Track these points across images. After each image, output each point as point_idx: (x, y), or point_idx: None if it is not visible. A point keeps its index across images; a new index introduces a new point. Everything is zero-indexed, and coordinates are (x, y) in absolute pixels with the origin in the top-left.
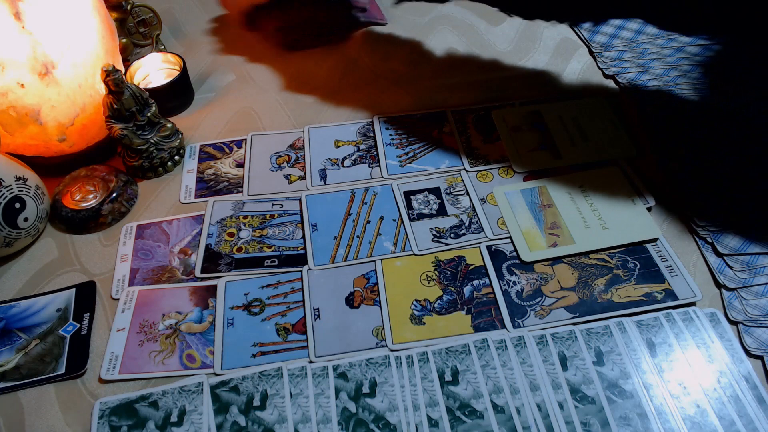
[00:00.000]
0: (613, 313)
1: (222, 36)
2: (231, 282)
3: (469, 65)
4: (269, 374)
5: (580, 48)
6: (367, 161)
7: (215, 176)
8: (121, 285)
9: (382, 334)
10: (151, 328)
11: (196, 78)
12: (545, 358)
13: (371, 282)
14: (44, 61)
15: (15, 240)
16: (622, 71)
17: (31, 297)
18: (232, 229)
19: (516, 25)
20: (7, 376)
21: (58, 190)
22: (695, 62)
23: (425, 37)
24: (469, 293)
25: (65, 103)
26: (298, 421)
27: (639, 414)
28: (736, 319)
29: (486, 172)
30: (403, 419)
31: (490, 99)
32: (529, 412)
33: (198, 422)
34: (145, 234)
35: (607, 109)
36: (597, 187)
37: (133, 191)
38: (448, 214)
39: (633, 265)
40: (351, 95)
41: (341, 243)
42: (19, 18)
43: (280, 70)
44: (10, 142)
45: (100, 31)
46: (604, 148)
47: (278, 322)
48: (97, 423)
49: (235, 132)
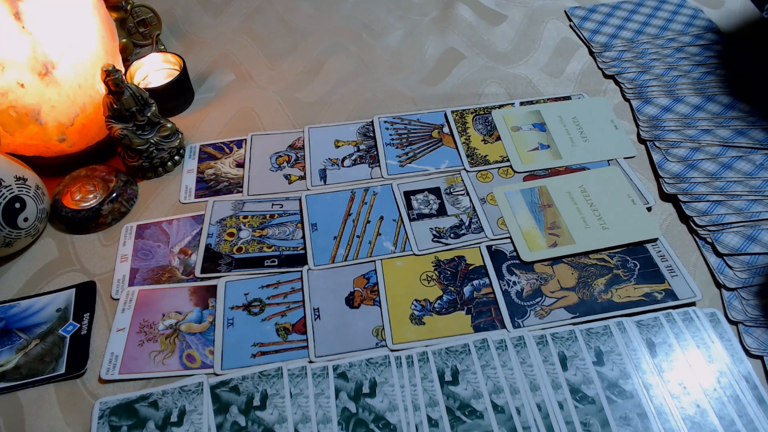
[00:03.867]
0: (613, 313)
1: (222, 36)
2: (231, 282)
3: (468, 65)
4: (269, 374)
5: (580, 48)
6: (367, 161)
7: (215, 176)
8: (121, 285)
9: (382, 334)
10: (151, 328)
11: (196, 78)
12: (545, 358)
13: (371, 282)
14: (44, 61)
15: (15, 240)
16: (622, 71)
17: (31, 297)
18: (232, 229)
19: (516, 25)
20: (7, 376)
21: (58, 190)
22: (695, 62)
23: (425, 37)
24: (469, 293)
25: (65, 103)
26: (298, 421)
27: (639, 414)
28: (736, 319)
29: (486, 172)
30: (403, 419)
31: (490, 99)
32: (529, 412)
33: (198, 422)
34: (145, 234)
35: (607, 109)
36: (597, 187)
37: (133, 191)
38: (448, 214)
39: (633, 265)
40: (351, 95)
41: (341, 243)
42: (19, 18)
43: (280, 70)
44: (10, 142)
45: (100, 31)
46: (604, 148)
47: (278, 322)
48: (97, 423)
49: (235, 132)
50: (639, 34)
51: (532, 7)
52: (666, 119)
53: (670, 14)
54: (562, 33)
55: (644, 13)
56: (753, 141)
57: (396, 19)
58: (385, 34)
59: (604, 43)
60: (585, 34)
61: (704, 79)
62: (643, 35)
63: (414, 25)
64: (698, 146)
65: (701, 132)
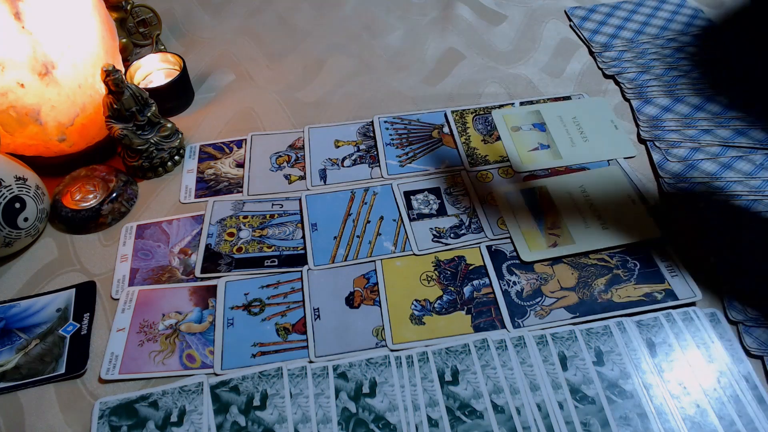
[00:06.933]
0: (613, 313)
1: (222, 36)
2: (231, 282)
3: (468, 65)
4: (269, 374)
5: (580, 48)
6: (367, 161)
7: (215, 176)
8: (121, 285)
9: (382, 334)
10: (151, 328)
11: (196, 78)
12: (545, 358)
13: (371, 282)
14: (44, 61)
15: (15, 240)
16: (622, 71)
17: (31, 297)
18: (232, 229)
19: (516, 25)
20: (7, 376)
21: (58, 190)
22: (695, 62)
23: (425, 37)
24: (469, 293)
25: (65, 103)
26: (298, 421)
27: (639, 414)
28: (736, 319)
29: (486, 172)
30: (403, 419)
31: (490, 99)
32: (529, 412)
33: (198, 422)
34: (145, 234)
35: (607, 109)
36: (597, 187)
37: (133, 191)
38: (448, 214)
39: (633, 265)
40: (351, 95)
41: (341, 243)
42: (19, 18)
43: (280, 70)
44: (10, 142)
45: (100, 31)
46: (604, 148)
47: (278, 322)
48: (97, 423)
49: (235, 132)
50: (639, 34)
51: (532, 7)
52: (666, 119)
53: (670, 14)
54: (562, 33)
55: (644, 13)
56: (753, 141)
57: (396, 19)
58: (385, 34)
59: (604, 43)
60: (585, 34)
61: (704, 79)
62: (643, 35)
63: (414, 25)
64: (698, 146)
65: (701, 132)
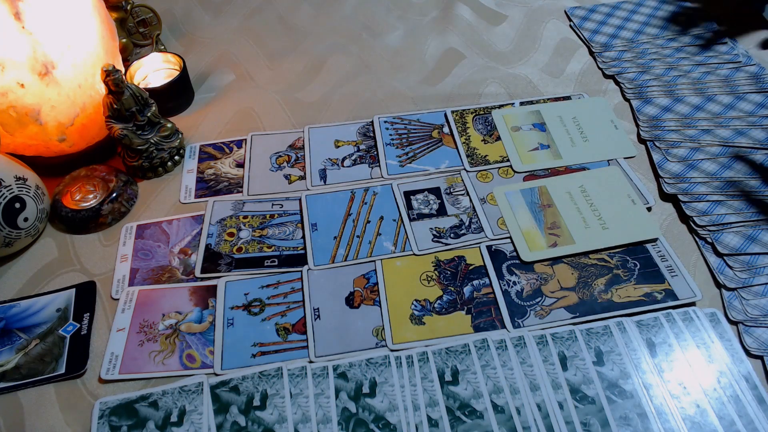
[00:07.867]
0: (613, 313)
1: (222, 36)
2: (231, 282)
3: (468, 65)
4: (269, 374)
5: (580, 48)
6: (367, 161)
7: (215, 176)
8: (121, 285)
9: (382, 334)
10: (151, 328)
11: (196, 78)
12: (545, 358)
13: (371, 282)
14: (44, 61)
15: (15, 240)
16: (622, 71)
17: (31, 297)
18: (232, 229)
19: (516, 25)
20: (7, 376)
21: (58, 190)
22: (695, 62)
23: (425, 37)
24: (469, 293)
25: (65, 103)
26: (298, 421)
27: (639, 414)
28: (736, 319)
29: (486, 172)
30: (403, 419)
31: (490, 99)
32: (529, 412)
33: (198, 422)
34: (145, 234)
35: (607, 109)
36: (597, 187)
37: (133, 191)
38: (448, 214)
39: (633, 265)
40: (351, 95)
41: (341, 243)
42: (19, 18)
43: (280, 70)
44: (10, 142)
45: (100, 31)
46: (604, 148)
47: (278, 322)
48: (97, 423)
49: (235, 132)
50: (639, 34)
51: (532, 7)
52: (666, 119)
53: (670, 14)
54: (562, 33)
55: (644, 13)
56: (753, 141)
57: (396, 19)
58: (385, 34)
59: (604, 43)
60: (585, 34)
61: (704, 79)
62: (643, 35)
63: (414, 25)
64: (698, 146)
65: (701, 132)
